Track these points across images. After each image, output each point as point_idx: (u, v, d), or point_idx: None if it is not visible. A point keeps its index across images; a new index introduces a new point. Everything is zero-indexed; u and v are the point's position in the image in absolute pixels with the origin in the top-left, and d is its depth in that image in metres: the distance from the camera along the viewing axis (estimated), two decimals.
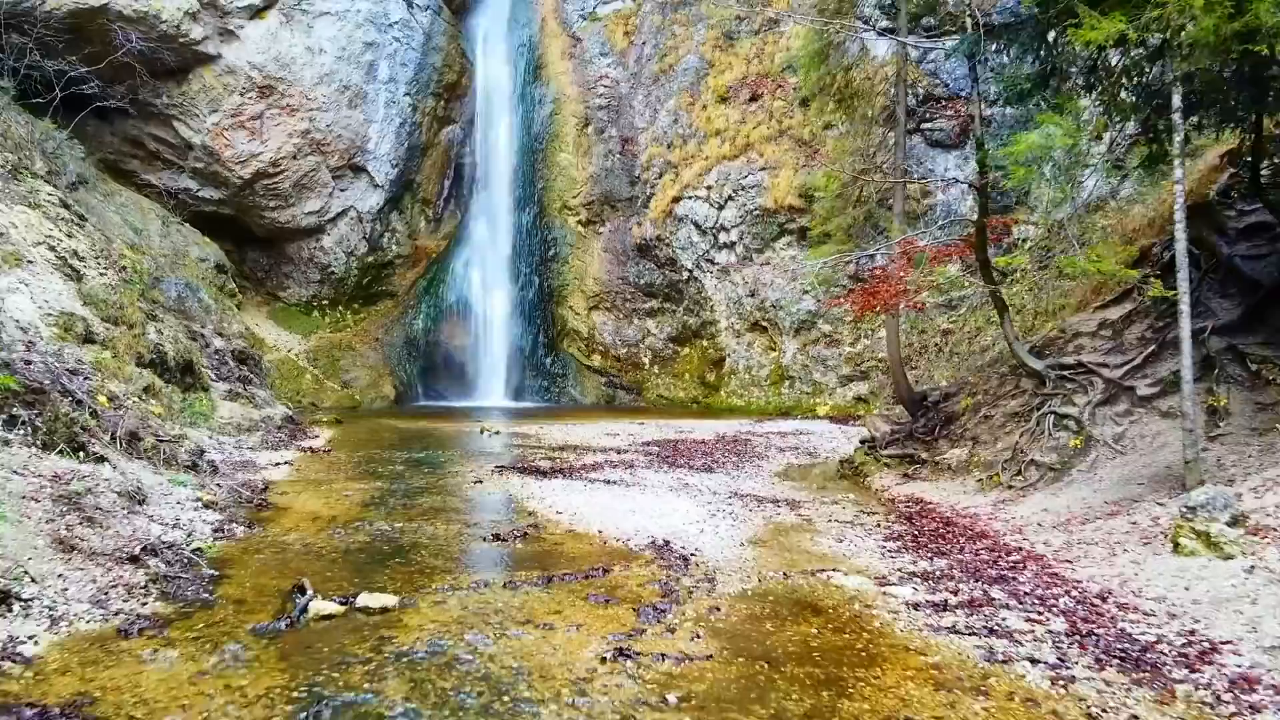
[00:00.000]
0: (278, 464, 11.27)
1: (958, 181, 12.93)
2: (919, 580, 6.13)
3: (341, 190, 25.74)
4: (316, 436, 14.73)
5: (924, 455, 10.94)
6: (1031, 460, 9.13)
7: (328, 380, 23.45)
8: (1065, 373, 9.80)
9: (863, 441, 13.01)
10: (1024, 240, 17.21)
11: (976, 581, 6.11)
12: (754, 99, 24.62)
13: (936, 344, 20.13)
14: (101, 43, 21.11)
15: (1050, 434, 9.28)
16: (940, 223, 17.72)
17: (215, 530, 7.23)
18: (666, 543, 6.98)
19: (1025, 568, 6.49)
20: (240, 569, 6.20)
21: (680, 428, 17.58)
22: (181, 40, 22.36)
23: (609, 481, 10.07)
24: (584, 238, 28.07)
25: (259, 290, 26.71)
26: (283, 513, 8.24)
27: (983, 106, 21.10)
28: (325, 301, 26.55)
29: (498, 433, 15.76)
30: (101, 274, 14.45)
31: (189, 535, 6.92)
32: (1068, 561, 6.58)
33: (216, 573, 6.06)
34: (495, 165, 28.10)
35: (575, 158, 28.01)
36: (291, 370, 22.94)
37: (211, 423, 14.19)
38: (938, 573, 6.33)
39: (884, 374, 20.68)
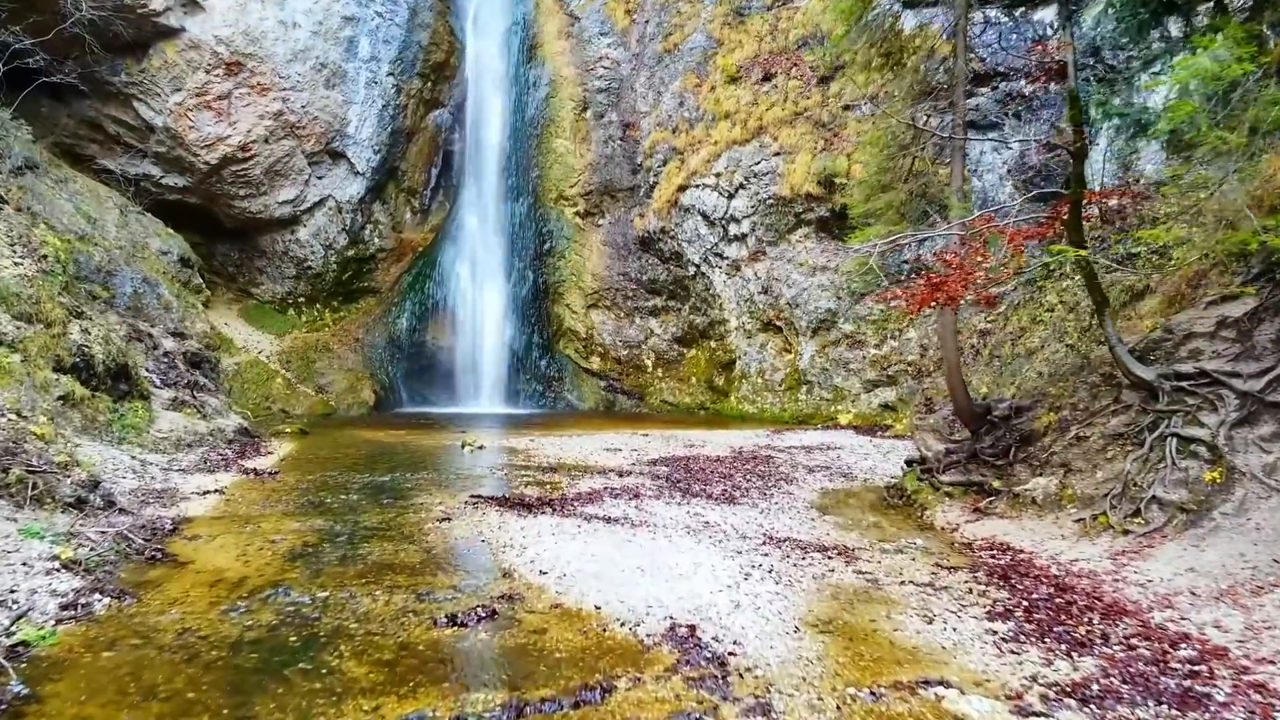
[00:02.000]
0: (206, 493, 9.26)
1: (1048, 143, 10.93)
2: (1073, 701, 4.12)
3: (318, 178, 23.70)
4: (270, 453, 12.72)
5: (996, 484, 8.93)
6: (1154, 497, 7.11)
7: (301, 385, 21.42)
8: (1184, 384, 7.79)
9: (910, 463, 11.01)
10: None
11: (1157, 702, 4.11)
12: (767, 78, 22.60)
13: (973, 345, 18.11)
14: (49, 11, 19.05)
15: (1174, 462, 7.27)
16: (993, 206, 15.72)
17: (65, 606, 5.22)
18: (691, 629, 4.96)
19: (1213, 673, 4.49)
20: (68, 682, 4.19)
21: (690, 440, 15.57)
22: (140, 10, 20.34)
23: (610, 520, 8.05)
24: (582, 230, 26.04)
25: (230, 286, 24.67)
26: (178, 571, 6.23)
27: (1026, 82, 19.15)
28: (301, 299, 24.50)
29: (481, 447, 13.74)
30: (16, 264, 12.44)
31: (18, 618, 4.91)
32: (1270, 662, 4.57)
33: (26, 690, 4.07)
34: (486, 152, 26.05)
35: (573, 144, 25.98)
36: (261, 374, 20.91)
37: (144, 437, 12.18)
38: (1093, 684, 4.32)
39: (914, 379, 18.68)
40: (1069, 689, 4.27)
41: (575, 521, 7.89)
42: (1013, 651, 4.82)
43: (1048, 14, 18.48)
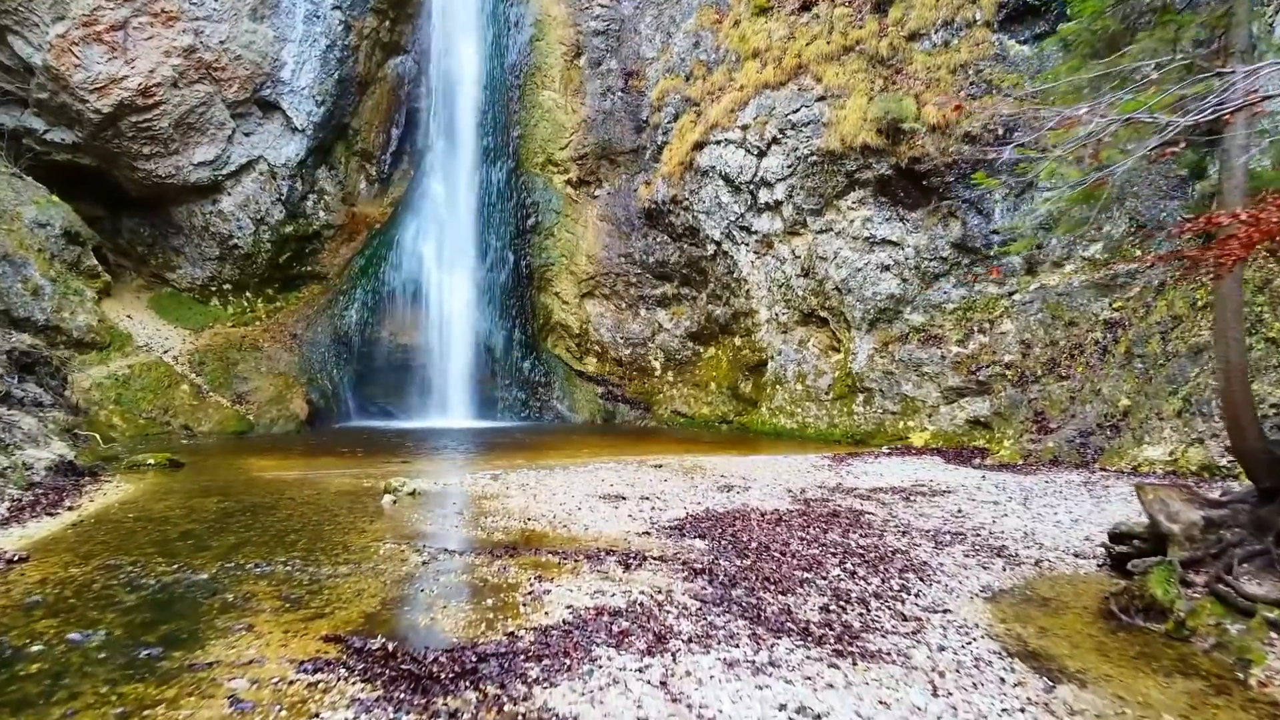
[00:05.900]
0: None
1: None
2: None
3: (245, 134, 19.07)
4: (75, 507, 8.10)
5: None
6: None
7: (214, 393, 16.80)
8: None
9: (1122, 538, 6.41)
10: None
11: None
12: (806, 8, 18.03)
13: (1097, 342, 13.54)
14: None
15: None
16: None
17: None
18: None
19: None
20: None
21: (722, 474, 10.98)
22: None
23: None
24: (574, 202, 21.45)
25: (141, 270, 20.02)
26: None
27: None
28: (227, 286, 19.88)
29: (413, 494, 9.13)
30: None
31: None
32: None
33: None
34: (457, 107, 21.43)
35: (563, 98, 21.39)
36: (160, 380, 16.27)
37: None
38: None
39: (1014, 387, 14.09)
40: None
41: None
42: None
43: None
